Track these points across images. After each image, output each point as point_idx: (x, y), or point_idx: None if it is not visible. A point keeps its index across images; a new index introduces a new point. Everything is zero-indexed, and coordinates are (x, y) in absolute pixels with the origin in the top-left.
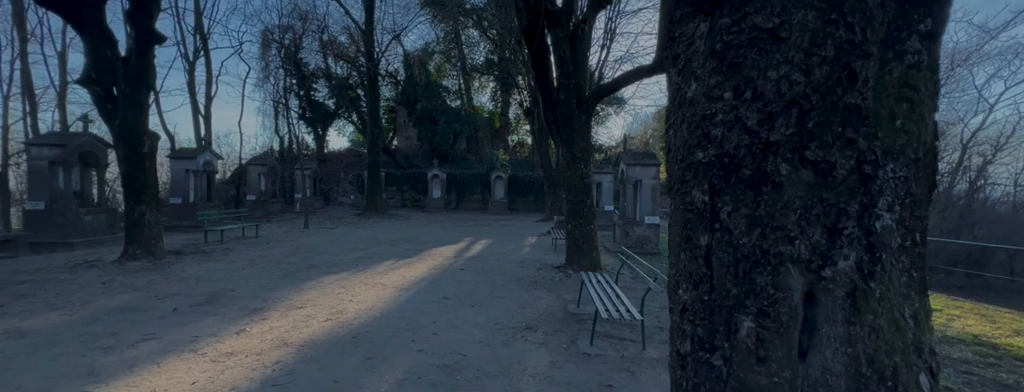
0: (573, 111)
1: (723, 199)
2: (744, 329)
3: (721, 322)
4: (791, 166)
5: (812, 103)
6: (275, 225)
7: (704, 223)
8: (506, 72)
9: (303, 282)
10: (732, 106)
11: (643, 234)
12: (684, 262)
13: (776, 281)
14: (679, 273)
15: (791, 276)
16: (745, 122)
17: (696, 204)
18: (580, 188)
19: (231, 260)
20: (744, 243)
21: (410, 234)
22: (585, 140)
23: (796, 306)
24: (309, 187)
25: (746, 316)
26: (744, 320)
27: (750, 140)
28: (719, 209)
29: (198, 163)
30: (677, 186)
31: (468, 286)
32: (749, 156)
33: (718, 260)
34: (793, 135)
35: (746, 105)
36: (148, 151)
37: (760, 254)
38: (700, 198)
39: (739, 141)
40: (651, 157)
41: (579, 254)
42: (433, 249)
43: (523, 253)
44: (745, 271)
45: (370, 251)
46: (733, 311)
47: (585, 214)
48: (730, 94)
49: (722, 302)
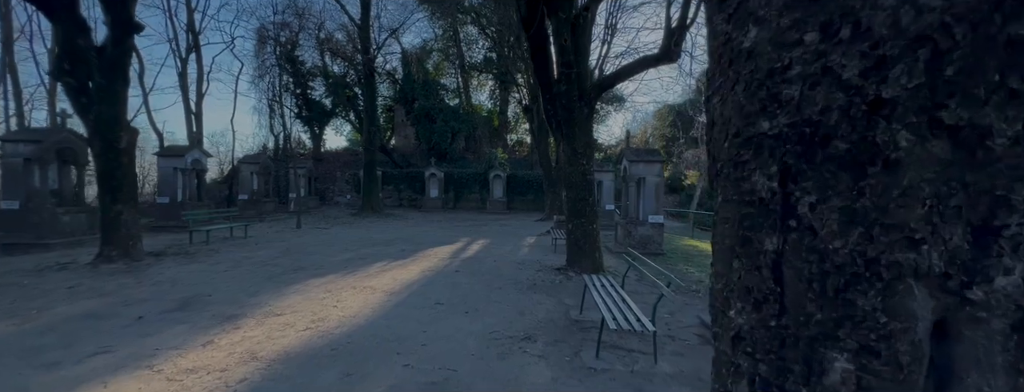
0: (574, 104)
1: (802, 186)
2: (836, 372)
3: (798, 359)
4: (915, 135)
5: (954, 38)
6: (267, 225)
7: (771, 220)
8: (505, 69)
9: (287, 286)
10: (818, 52)
11: (647, 234)
12: (738, 273)
13: (889, 304)
14: (730, 288)
15: (914, 298)
16: (839, 73)
17: (759, 194)
18: (582, 185)
19: (214, 262)
20: (837, 248)
21: (406, 234)
22: (587, 134)
23: (921, 342)
24: (304, 186)
25: (839, 353)
26: (836, 359)
27: (847, 99)
28: (796, 200)
29: (186, 161)
30: (727, 170)
31: (462, 290)
32: (845, 122)
33: (793, 272)
34: (919, 89)
35: (841, 48)
36: (125, 147)
37: (863, 265)
38: (765, 185)
39: (829, 101)
40: (654, 153)
41: (581, 255)
42: (428, 250)
43: (521, 254)
44: (838, 289)
45: (362, 252)
46: (817, 345)
47: (587, 213)
48: (814, 35)
49: (799, 331)
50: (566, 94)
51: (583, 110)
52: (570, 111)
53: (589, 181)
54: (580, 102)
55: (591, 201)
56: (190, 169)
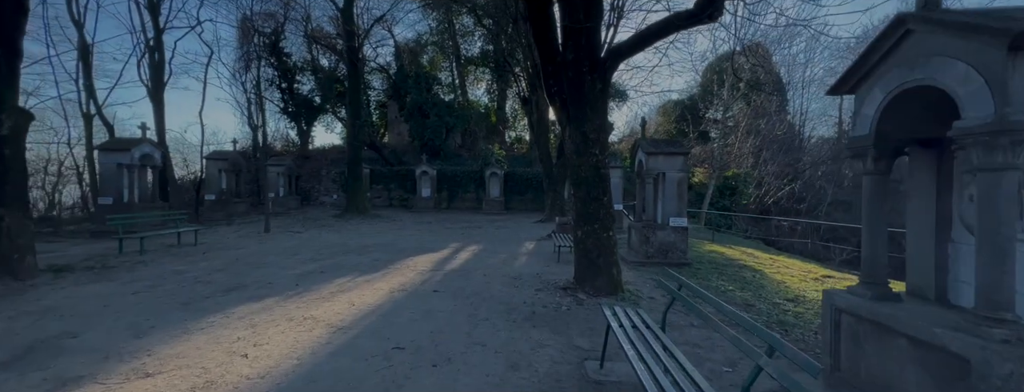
0: (584, 77)
1: None
2: None
3: None
4: None
5: None
6: (234, 229)
7: None
8: (502, 59)
9: (202, 317)
10: None
11: (668, 240)
12: None
13: None
14: None
15: None
16: None
17: None
18: (594, 181)
19: (130, 279)
20: None
21: (388, 239)
22: (600, 115)
23: None
24: (283, 186)
25: None
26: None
27: None
28: None
29: (133, 156)
30: None
31: (437, 322)
32: None
33: None
34: None
35: None
36: (9, 134)
37: None
38: None
39: None
40: (676, 144)
41: (593, 271)
42: (407, 259)
43: (518, 264)
44: None
45: (328, 262)
46: None
47: (601, 216)
48: None
49: None
50: (574, 65)
51: (595, 85)
52: (579, 86)
53: (603, 176)
54: (591, 75)
55: (606, 201)
56: (138, 165)
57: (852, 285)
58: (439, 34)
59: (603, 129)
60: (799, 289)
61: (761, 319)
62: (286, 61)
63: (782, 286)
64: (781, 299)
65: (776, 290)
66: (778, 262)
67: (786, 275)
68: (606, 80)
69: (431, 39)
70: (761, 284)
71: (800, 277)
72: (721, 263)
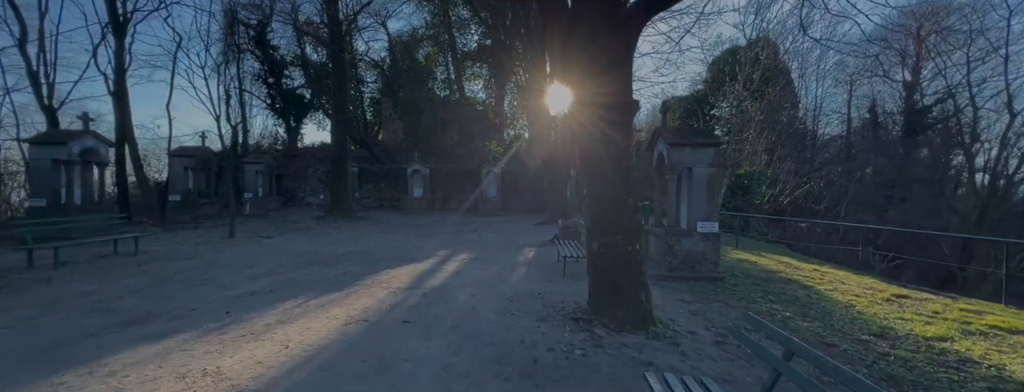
0: (600, 32)
1: None
2: None
3: None
4: None
5: None
6: (197, 234)
7: None
8: (501, 50)
9: (46, 376)
10: None
11: (695, 249)
12: None
13: None
14: None
15: None
16: None
17: None
18: (615, 176)
19: (9, 307)
20: None
21: (368, 245)
22: (623, 90)
23: None
24: (262, 185)
25: None
26: None
27: None
28: None
29: (70, 151)
30: None
31: (395, 382)
32: None
33: None
34: None
35: None
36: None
37: None
38: None
39: None
40: (705, 135)
41: (614, 297)
42: (382, 273)
43: (515, 279)
44: None
45: (284, 278)
46: None
47: (625, 224)
48: None
49: None
50: (587, 17)
51: (619, 45)
52: (594, 41)
53: (626, 170)
54: (612, 34)
55: (631, 204)
56: (79, 161)
57: None
58: (434, 27)
59: (628, 107)
60: (876, 316)
61: (860, 369)
62: (273, 54)
63: (851, 311)
64: (866, 334)
65: (849, 318)
66: (826, 274)
67: (847, 294)
68: (631, 41)
69: (426, 33)
70: (825, 308)
71: (866, 297)
72: (759, 276)
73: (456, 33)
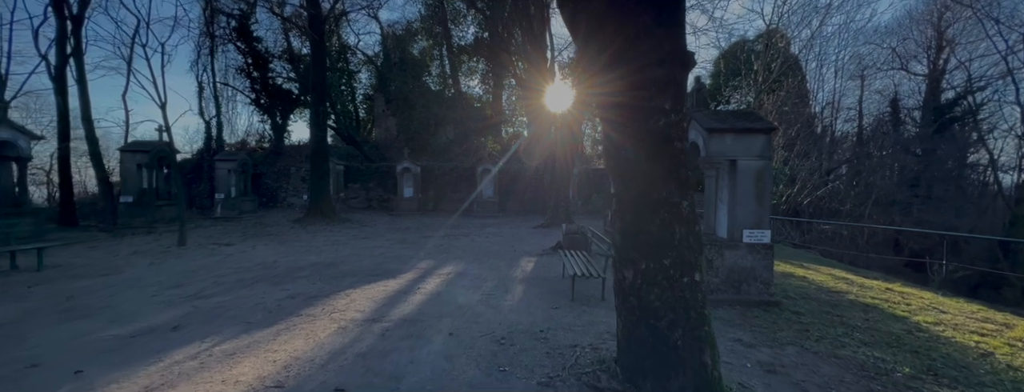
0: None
1: None
2: None
3: None
4: None
5: None
6: (148, 240)
7: None
8: (499, 43)
9: None
10: None
11: (743, 265)
12: None
13: None
14: None
15: None
16: None
17: None
18: (660, 166)
19: None
20: None
21: (340, 254)
22: (674, 23)
23: None
24: (235, 184)
25: None
26: None
27: None
28: None
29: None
30: None
31: None
32: None
33: None
34: None
35: None
36: None
37: None
38: None
39: None
40: (752, 117)
41: (662, 355)
42: (341, 295)
43: (510, 307)
44: None
45: (210, 303)
46: None
47: (677, 240)
48: None
49: None
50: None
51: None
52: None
53: (674, 154)
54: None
55: (685, 210)
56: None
57: None
58: (428, 21)
59: (680, 58)
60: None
61: None
62: (257, 47)
63: (997, 365)
64: None
65: (1009, 381)
66: (909, 296)
67: (963, 331)
68: None
69: (421, 26)
70: (954, 359)
71: (994, 336)
72: (822, 300)
73: (451, 26)
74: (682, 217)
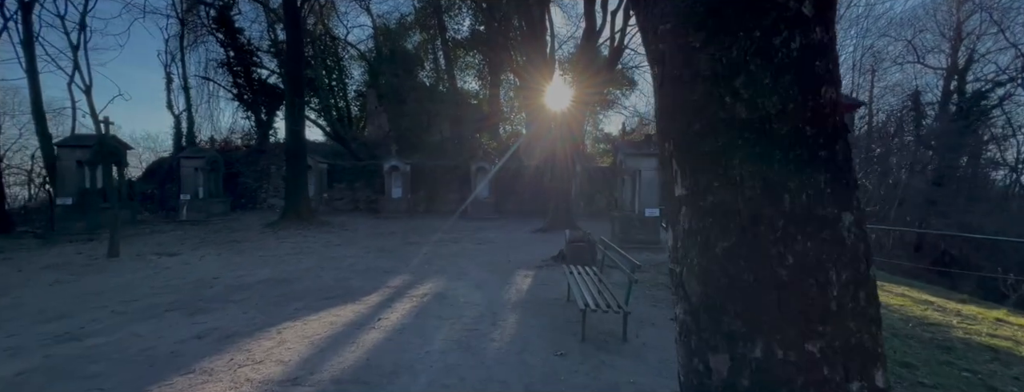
0: None
1: None
2: None
3: None
4: None
5: None
6: (81, 248)
7: None
8: (494, 24)
9: None
10: None
11: None
12: None
13: None
14: None
15: None
16: None
17: None
18: (802, 126)
19: None
20: None
21: (301, 267)
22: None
23: None
24: (203, 184)
25: None
26: None
27: None
28: None
29: None
30: None
31: None
32: None
33: None
34: None
35: None
36: None
37: None
38: None
39: None
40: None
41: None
42: (272, 332)
43: (497, 353)
44: None
45: (72, 350)
46: None
47: (838, 298)
48: None
49: None
50: None
51: None
52: None
53: (831, 105)
54: None
55: (847, 237)
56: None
57: None
58: (423, 11)
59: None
60: None
61: None
62: (239, 38)
63: None
64: None
65: None
66: None
67: None
68: None
69: (414, 19)
70: None
71: None
72: (926, 340)
73: (446, 18)
74: (846, 253)
